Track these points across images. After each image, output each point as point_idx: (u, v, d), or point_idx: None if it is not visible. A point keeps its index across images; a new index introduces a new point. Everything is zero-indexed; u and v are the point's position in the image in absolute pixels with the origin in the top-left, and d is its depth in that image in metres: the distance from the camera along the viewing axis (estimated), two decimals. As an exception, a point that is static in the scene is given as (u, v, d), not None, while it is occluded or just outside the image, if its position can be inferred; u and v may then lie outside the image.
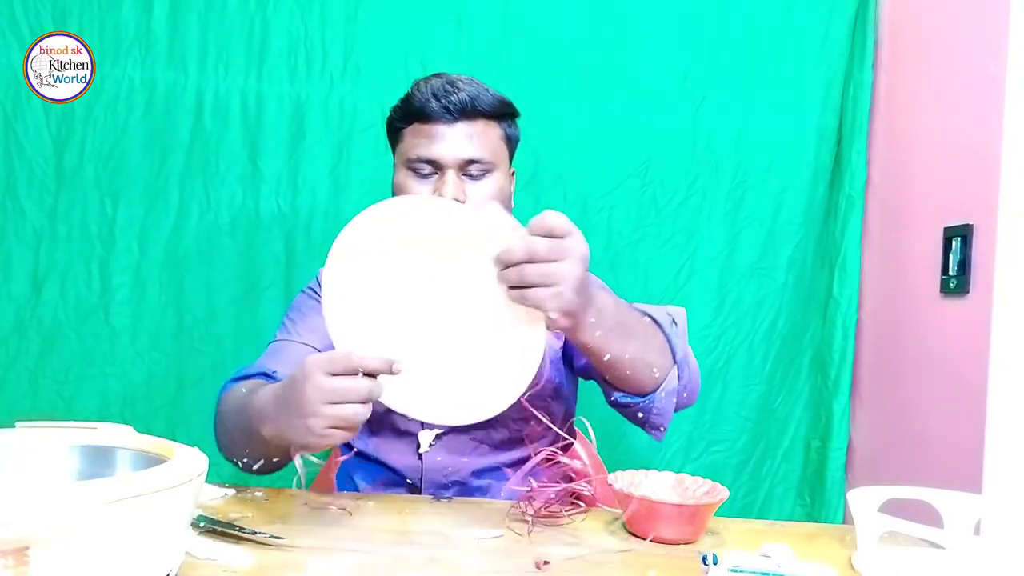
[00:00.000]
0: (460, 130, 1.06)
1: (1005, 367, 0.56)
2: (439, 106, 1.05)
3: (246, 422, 0.89)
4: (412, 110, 1.08)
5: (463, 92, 1.06)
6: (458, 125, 1.06)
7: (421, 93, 1.07)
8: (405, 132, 1.10)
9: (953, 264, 1.31)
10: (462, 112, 1.06)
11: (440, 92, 1.06)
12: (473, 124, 1.07)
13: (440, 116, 1.06)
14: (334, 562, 0.71)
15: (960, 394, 1.28)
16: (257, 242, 1.61)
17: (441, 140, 1.06)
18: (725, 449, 1.67)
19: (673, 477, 0.92)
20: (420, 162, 1.07)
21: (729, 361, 1.67)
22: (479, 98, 1.07)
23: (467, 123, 1.07)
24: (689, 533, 0.83)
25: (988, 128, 1.23)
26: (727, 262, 1.67)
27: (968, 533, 0.78)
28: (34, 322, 1.58)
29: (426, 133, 1.07)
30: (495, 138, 1.10)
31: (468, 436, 1.09)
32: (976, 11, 1.31)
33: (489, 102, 1.08)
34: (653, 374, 0.94)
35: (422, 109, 1.06)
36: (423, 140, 1.07)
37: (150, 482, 0.53)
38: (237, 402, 0.95)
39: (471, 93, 1.07)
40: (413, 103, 1.08)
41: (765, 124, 1.65)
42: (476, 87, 1.08)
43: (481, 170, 1.07)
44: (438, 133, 1.06)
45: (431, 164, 1.06)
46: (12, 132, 1.56)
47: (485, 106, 1.08)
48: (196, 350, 1.60)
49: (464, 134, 1.06)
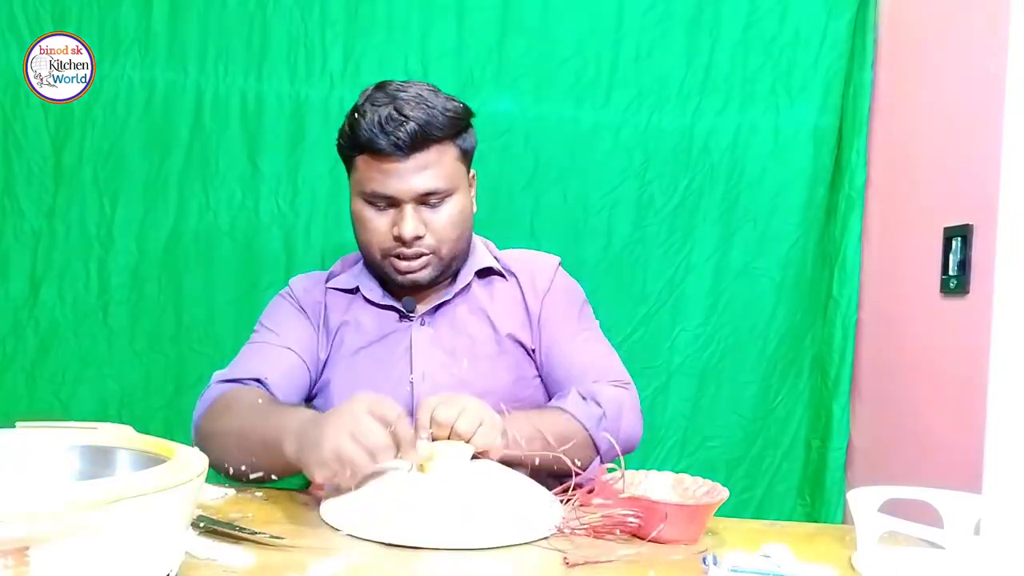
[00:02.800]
0: (414, 163, 1.01)
1: (1005, 367, 0.56)
2: (388, 142, 1.00)
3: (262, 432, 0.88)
4: (361, 143, 1.02)
5: (412, 122, 0.99)
6: (410, 158, 1.01)
7: (368, 124, 1.00)
8: (357, 161, 1.05)
9: (953, 264, 1.31)
10: (413, 145, 1.00)
11: (388, 124, 0.99)
12: (427, 154, 1.02)
13: (390, 152, 1.00)
14: (334, 562, 0.71)
15: (960, 394, 1.27)
16: (257, 242, 1.61)
17: (395, 176, 1.02)
18: (720, 445, 1.67)
19: (672, 477, 0.92)
20: (375, 197, 1.04)
21: (723, 359, 1.67)
22: (430, 124, 1.01)
23: (421, 154, 1.01)
24: (691, 533, 0.82)
25: (988, 128, 1.22)
26: (722, 261, 1.67)
27: (968, 533, 0.78)
28: (32, 322, 1.57)
29: (377, 168, 1.02)
30: (451, 161, 1.05)
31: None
32: (976, 11, 1.31)
33: (441, 126, 1.02)
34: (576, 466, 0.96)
35: (371, 143, 1.01)
36: (376, 175, 1.02)
37: (150, 482, 0.53)
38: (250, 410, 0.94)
39: (421, 121, 1.00)
40: (359, 135, 1.01)
41: (764, 124, 1.65)
42: (426, 109, 1.01)
43: (439, 199, 1.05)
44: (390, 169, 1.01)
45: (386, 198, 1.03)
46: (11, 132, 1.56)
47: (437, 132, 1.02)
48: (195, 351, 1.60)
49: (418, 167, 1.02)
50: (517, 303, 1.15)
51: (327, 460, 0.78)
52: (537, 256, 1.22)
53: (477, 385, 1.09)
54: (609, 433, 1.03)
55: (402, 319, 1.13)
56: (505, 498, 0.84)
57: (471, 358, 1.11)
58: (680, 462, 1.65)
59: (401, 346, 1.11)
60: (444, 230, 1.06)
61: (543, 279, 1.17)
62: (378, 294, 1.12)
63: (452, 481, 0.83)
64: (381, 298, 1.12)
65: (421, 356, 1.10)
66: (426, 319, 1.13)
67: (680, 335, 1.67)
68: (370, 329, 1.13)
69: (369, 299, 1.13)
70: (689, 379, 1.67)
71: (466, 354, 1.11)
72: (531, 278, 1.16)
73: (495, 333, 1.12)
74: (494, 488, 0.85)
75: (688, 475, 0.92)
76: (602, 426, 1.04)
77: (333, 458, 0.78)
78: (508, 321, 1.14)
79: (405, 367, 1.10)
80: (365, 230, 1.07)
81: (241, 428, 0.92)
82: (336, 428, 0.78)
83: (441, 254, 1.07)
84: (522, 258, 1.20)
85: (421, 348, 1.11)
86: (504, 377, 1.12)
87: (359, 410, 0.80)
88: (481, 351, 1.11)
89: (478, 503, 0.81)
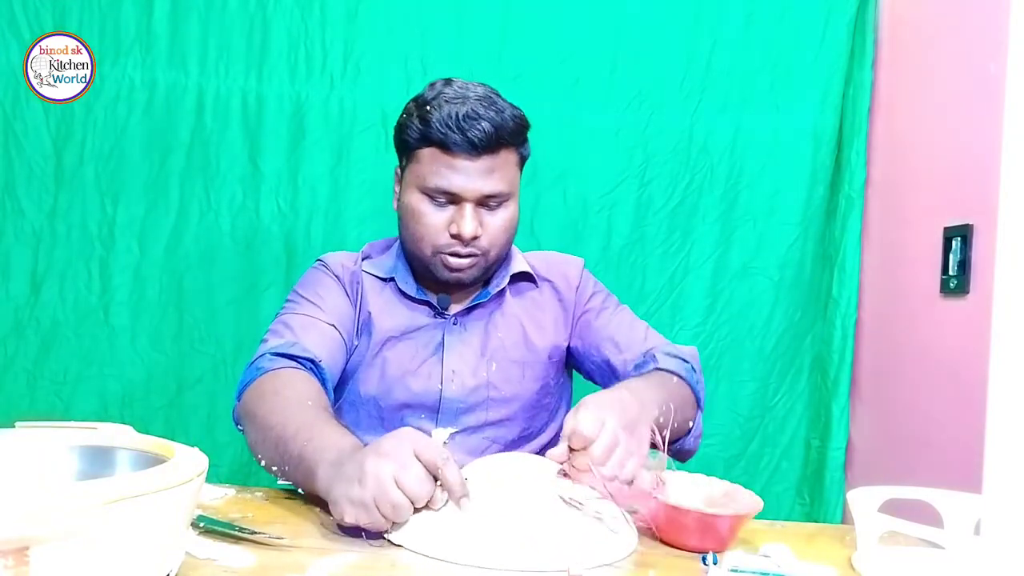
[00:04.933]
0: (482, 164, 1.02)
1: (1005, 367, 0.56)
2: (462, 140, 1.00)
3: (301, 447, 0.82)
4: (432, 137, 1.02)
5: (485, 122, 1.00)
6: (480, 159, 1.01)
7: (441, 121, 1.00)
8: (421, 154, 1.04)
9: (953, 264, 1.31)
10: (487, 146, 1.01)
11: (463, 123, 1.00)
12: (495, 157, 1.02)
13: (463, 150, 1.01)
14: (334, 562, 0.71)
15: (960, 394, 1.28)
16: (257, 242, 1.61)
17: (463, 174, 1.01)
18: (717, 443, 1.67)
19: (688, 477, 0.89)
20: (438, 192, 1.03)
21: (721, 357, 1.68)
22: (502, 128, 1.01)
23: (489, 157, 1.02)
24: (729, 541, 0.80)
25: (988, 128, 1.23)
26: (722, 261, 1.67)
27: (968, 533, 0.78)
28: (33, 322, 1.57)
29: (446, 163, 1.02)
30: (513, 166, 1.07)
31: (481, 435, 1.10)
32: (976, 11, 1.31)
33: (511, 132, 1.03)
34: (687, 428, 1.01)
35: (444, 141, 1.01)
36: (443, 170, 1.02)
37: (150, 482, 0.53)
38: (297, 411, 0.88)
39: (495, 123, 1.01)
40: (433, 130, 1.01)
41: (764, 124, 1.65)
42: (496, 112, 1.02)
43: (499, 202, 1.05)
44: (459, 166, 1.01)
45: (449, 195, 1.03)
46: (12, 132, 1.56)
47: (508, 137, 1.03)
48: (196, 350, 1.60)
49: (486, 168, 1.02)
50: (550, 307, 1.17)
51: (365, 503, 0.72)
52: (563, 258, 1.23)
53: (504, 390, 1.10)
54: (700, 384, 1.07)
55: (435, 315, 1.12)
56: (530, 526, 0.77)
57: (500, 363, 1.11)
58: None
59: (433, 343, 1.11)
60: (498, 233, 1.06)
61: (574, 275, 1.19)
62: (413, 288, 1.12)
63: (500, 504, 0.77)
64: (416, 292, 1.12)
65: (452, 355, 1.11)
66: (459, 319, 1.12)
67: (679, 334, 1.67)
68: (402, 321, 1.11)
69: (403, 291, 1.12)
70: (688, 378, 1.67)
71: (495, 358, 1.11)
72: (564, 279, 1.18)
73: (525, 340, 1.13)
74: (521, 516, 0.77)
75: (702, 475, 0.90)
76: (695, 378, 1.06)
77: (371, 503, 0.72)
78: (539, 327, 1.15)
79: (435, 365, 1.10)
80: (419, 224, 1.05)
81: (283, 430, 0.86)
82: (380, 470, 0.72)
83: (490, 256, 1.07)
84: (550, 260, 1.21)
85: (453, 347, 1.11)
86: (530, 385, 1.13)
87: (405, 452, 0.74)
88: (510, 356, 1.12)
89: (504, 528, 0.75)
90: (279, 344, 1.00)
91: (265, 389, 0.93)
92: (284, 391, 0.92)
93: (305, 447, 0.81)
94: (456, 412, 1.10)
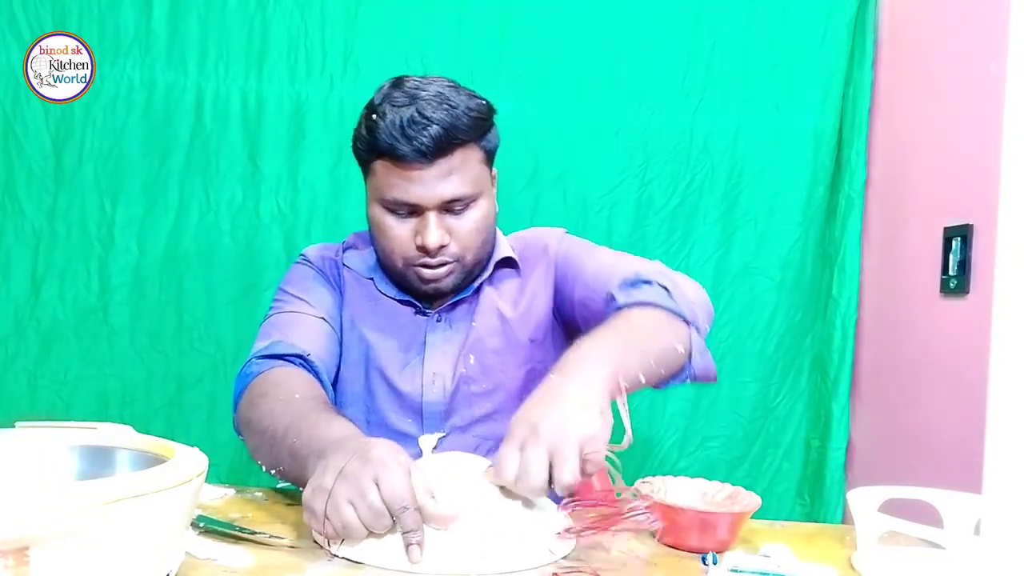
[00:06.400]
0: (437, 170, 0.95)
1: (1005, 367, 0.55)
2: (411, 148, 0.93)
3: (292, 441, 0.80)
4: (380, 149, 0.95)
5: (436, 124, 0.92)
6: (434, 164, 0.94)
7: (388, 127, 0.93)
8: (375, 166, 0.99)
9: (953, 264, 1.31)
10: (437, 150, 0.93)
11: (410, 128, 0.92)
12: (451, 159, 0.95)
13: (413, 158, 0.93)
14: (334, 562, 0.71)
15: (960, 394, 1.28)
16: (257, 242, 1.61)
17: (418, 183, 0.95)
18: (720, 445, 1.67)
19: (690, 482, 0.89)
20: (396, 204, 0.97)
21: (723, 358, 1.67)
22: (454, 127, 0.94)
23: (444, 160, 0.95)
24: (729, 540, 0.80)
25: (988, 128, 1.23)
26: (723, 261, 1.67)
27: (968, 533, 0.78)
28: (33, 322, 1.58)
29: (399, 174, 0.95)
30: (475, 164, 0.99)
31: (471, 434, 1.07)
32: (976, 11, 1.31)
33: (466, 128, 0.95)
34: (679, 352, 0.90)
35: (392, 149, 0.94)
36: (397, 181, 0.96)
37: (150, 482, 0.53)
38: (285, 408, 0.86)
39: (445, 124, 0.93)
40: (380, 140, 0.94)
41: (764, 124, 1.65)
42: (449, 109, 0.94)
43: (464, 205, 0.99)
44: (413, 176, 0.95)
45: (408, 206, 0.97)
46: (12, 132, 1.56)
47: (462, 135, 0.95)
48: (196, 350, 1.60)
49: (442, 173, 0.95)
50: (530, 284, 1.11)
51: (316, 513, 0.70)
52: (544, 230, 1.18)
53: (483, 383, 1.06)
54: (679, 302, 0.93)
55: (417, 313, 1.09)
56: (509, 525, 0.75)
57: (477, 354, 1.07)
58: (680, 462, 1.66)
59: (416, 341, 1.07)
60: (469, 237, 1.00)
61: (553, 241, 1.13)
62: (394, 291, 1.08)
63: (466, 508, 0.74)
64: (396, 294, 1.09)
65: (434, 356, 1.07)
66: (443, 315, 1.08)
67: (681, 335, 1.67)
68: (384, 319, 1.08)
69: (384, 293, 1.09)
70: (688, 378, 1.67)
71: (472, 350, 1.07)
72: (543, 249, 1.12)
73: (503, 326, 1.08)
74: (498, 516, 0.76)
75: (703, 479, 0.90)
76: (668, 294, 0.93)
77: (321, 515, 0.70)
78: (517, 310, 1.10)
79: (418, 365, 1.07)
80: (386, 238, 1.01)
81: (274, 431, 0.84)
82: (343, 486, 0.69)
83: (465, 261, 1.02)
84: (530, 237, 1.16)
85: (435, 347, 1.07)
86: (514, 373, 1.08)
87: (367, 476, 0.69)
88: (487, 346, 1.08)
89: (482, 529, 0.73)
90: (263, 347, 0.98)
91: (254, 394, 0.92)
92: (272, 392, 0.90)
93: (294, 444, 0.80)
94: (440, 416, 1.06)
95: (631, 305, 0.93)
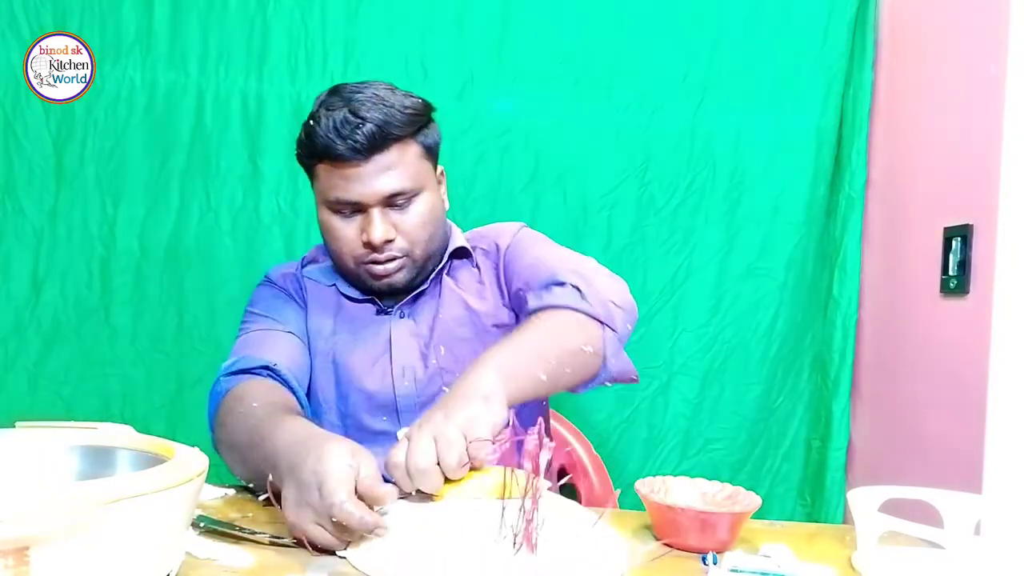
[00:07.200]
0: (375, 165, 0.98)
1: (1005, 367, 0.56)
2: (346, 147, 0.96)
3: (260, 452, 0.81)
4: (318, 151, 0.98)
5: (369, 123, 0.96)
6: (371, 161, 0.97)
7: (323, 130, 0.97)
8: (317, 170, 1.02)
9: (953, 264, 1.31)
10: (372, 147, 0.97)
11: (343, 128, 0.96)
12: (387, 154, 0.98)
13: (349, 156, 0.97)
14: (334, 562, 0.71)
15: (960, 394, 1.28)
16: (257, 242, 1.61)
17: (356, 181, 0.98)
18: (723, 447, 1.67)
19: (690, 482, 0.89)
20: (340, 204, 1.00)
21: (726, 360, 1.67)
22: (388, 124, 0.97)
23: (381, 156, 0.98)
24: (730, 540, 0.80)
25: (988, 128, 1.23)
26: (725, 262, 1.67)
27: (968, 533, 0.78)
28: (34, 322, 1.58)
29: (339, 174, 0.99)
30: (414, 159, 1.02)
31: None
32: (976, 11, 1.31)
33: (400, 124, 0.98)
34: (588, 353, 0.91)
35: (328, 150, 0.97)
36: (338, 181, 0.99)
37: (150, 482, 0.53)
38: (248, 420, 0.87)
39: (378, 121, 0.96)
40: (316, 142, 0.98)
41: (764, 124, 1.65)
42: (383, 108, 0.97)
43: (406, 199, 1.01)
44: (351, 174, 0.98)
45: (351, 204, 1.00)
46: (12, 132, 1.56)
47: (396, 131, 0.98)
48: (196, 350, 1.61)
49: (379, 169, 0.98)
50: (487, 275, 1.12)
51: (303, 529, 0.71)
52: (503, 224, 1.18)
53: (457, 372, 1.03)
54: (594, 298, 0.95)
55: (379, 312, 1.11)
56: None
57: (448, 344, 1.08)
58: (682, 464, 1.66)
59: (381, 339, 1.09)
60: (414, 231, 1.03)
61: (507, 234, 1.14)
62: (355, 292, 1.11)
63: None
64: (358, 295, 1.11)
65: (401, 350, 1.08)
66: (404, 310, 1.10)
67: (682, 336, 1.67)
68: (348, 322, 1.11)
69: (346, 295, 1.11)
70: (691, 380, 1.67)
71: (442, 341, 1.08)
72: (495, 241, 1.14)
73: (469, 314, 1.09)
74: None
75: (703, 479, 0.90)
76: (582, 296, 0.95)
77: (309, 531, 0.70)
78: (480, 298, 1.11)
79: (386, 362, 1.08)
80: (334, 239, 1.04)
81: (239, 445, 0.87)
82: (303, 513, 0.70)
83: (415, 256, 1.04)
84: (487, 231, 1.17)
85: (401, 342, 1.08)
86: None
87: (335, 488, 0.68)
88: (456, 335, 1.08)
89: None
90: (229, 364, 1.00)
91: (223, 412, 0.94)
92: (235, 407, 0.92)
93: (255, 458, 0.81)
94: (415, 408, 1.06)
95: (543, 308, 0.96)
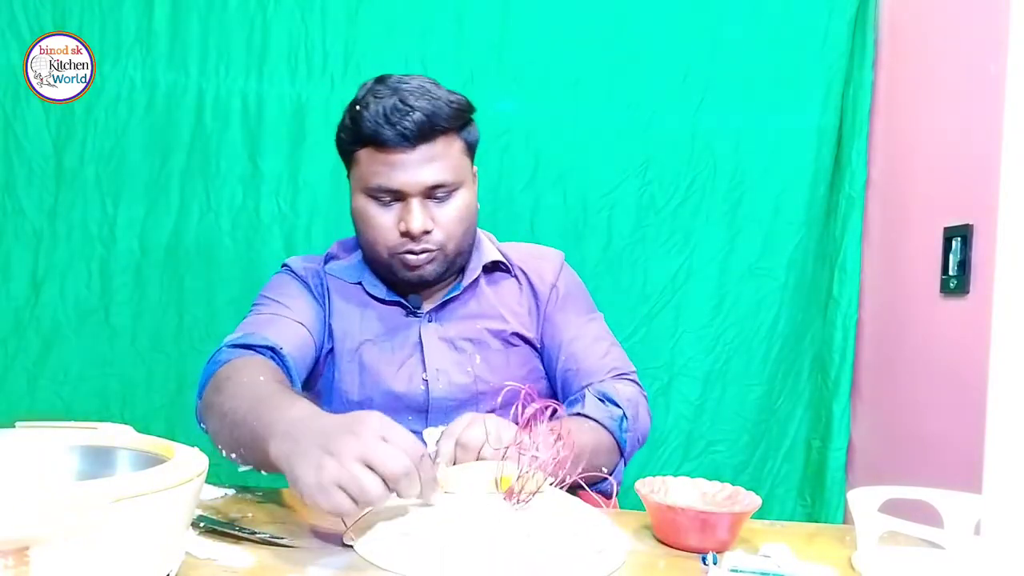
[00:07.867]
0: (420, 155, 0.98)
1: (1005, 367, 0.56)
2: (394, 133, 0.96)
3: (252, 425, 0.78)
4: (364, 136, 0.99)
5: (418, 111, 0.96)
6: (417, 150, 0.98)
7: (371, 115, 0.97)
8: (359, 155, 1.02)
9: (953, 264, 1.31)
10: (420, 136, 0.97)
11: (393, 115, 0.96)
12: (433, 145, 0.99)
13: (396, 143, 0.97)
14: (334, 562, 0.71)
15: (960, 394, 1.28)
16: (257, 242, 1.62)
17: (401, 168, 0.98)
18: (725, 449, 1.67)
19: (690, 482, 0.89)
20: (380, 191, 1.00)
21: (728, 362, 1.67)
22: (436, 115, 0.98)
23: (427, 146, 0.98)
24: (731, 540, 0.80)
25: (988, 128, 1.23)
26: (726, 262, 1.67)
27: (968, 533, 0.78)
28: (34, 322, 1.58)
29: (383, 160, 0.99)
30: (457, 153, 1.02)
31: None
32: (976, 11, 1.31)
33: (448, 116, 0.99)
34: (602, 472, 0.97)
35: (376, 135, 0.97)
36: (381, 168, 0.99)
37: (150, 482, 0.53)
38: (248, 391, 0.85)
39: (427, 111, 0.97)
40: (364, 127, 0.98)
41: (765, 124, 1.65)
42: (430, 100, 0.98)
43: (446, 192, 1.01)
44: (396, 161, 0.98)
45: (392, 192, 1.00)
46: (12, 132, 1.57)
47: (444, 123, 0.99)
48: (196, 350, 1.60)
49: (424, 159, 0.98)
50: (524, 299, 1.14)
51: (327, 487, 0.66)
52: (541, 250, 1.20)
53: (492, 381, 1.08)
54: (631, 433, 1.02)
55: (408, 315, 1.10)
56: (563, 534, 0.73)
57: (483, 353, 1.09)
58: (683, 466, 1.65)
59: (410, 342, 1.09)
60: (451, 224, 1.03)
61: (550, 273, 1.15)
62: (383, 291, 1.10)
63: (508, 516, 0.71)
64: (386, 295, 1.10)
65: (433, 353, 1.08)
66: (433, 315, 1.10)
67: (683, 336, 1.67)
68: (375, 323, 1.09)
69: (373, 295, 1.10)
70: (693, 381, 1.67)
71: (477, 350, 1.09)
72: (538, 273, 1.15)
73: (504, 328, 1.11)
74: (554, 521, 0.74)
75: (704, 479, 0.90)
76: (625, 427, 1.02)
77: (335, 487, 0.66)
78: (515, 317, 1.12)
79: (416, 364, 1.08)
80: (370, 227, 1.03)
81: (235, 414, 0.82)
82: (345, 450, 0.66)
83: (447, 250, 1.04)
84: (527, 252, 1.18)
85: (432, 345, 1.08)
86: (517, 372, 1.10)
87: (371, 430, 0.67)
88: (492, 346, 1.10)
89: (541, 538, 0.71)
90: (235, 337, 0.98)
91: (220, 378, 0.91)
92: (235, 376, 0.89)
93: (255, 427, 0.78)
94: (446, 410, 1.07)
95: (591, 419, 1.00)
